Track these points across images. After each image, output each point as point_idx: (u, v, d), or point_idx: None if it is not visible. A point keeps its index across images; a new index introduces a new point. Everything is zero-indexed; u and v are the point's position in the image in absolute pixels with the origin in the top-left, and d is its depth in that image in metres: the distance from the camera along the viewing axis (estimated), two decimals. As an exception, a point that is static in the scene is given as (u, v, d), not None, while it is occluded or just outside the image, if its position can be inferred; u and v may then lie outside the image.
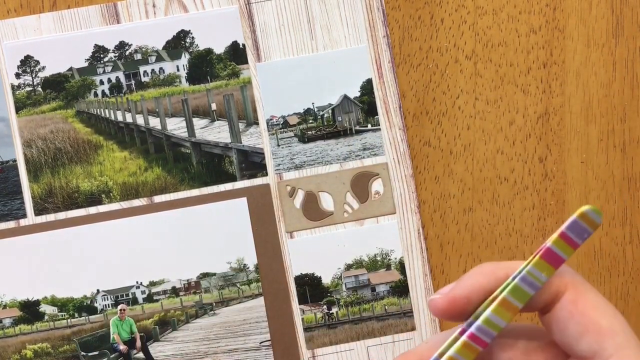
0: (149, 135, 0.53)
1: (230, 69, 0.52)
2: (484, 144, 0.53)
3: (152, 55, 0.52)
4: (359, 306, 0.52)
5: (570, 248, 0.34)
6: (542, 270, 0.33)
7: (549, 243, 0.33)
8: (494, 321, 0.34)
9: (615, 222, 0.53)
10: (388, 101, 0.52)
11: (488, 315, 0.34)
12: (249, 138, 0.52)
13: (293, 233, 0.52)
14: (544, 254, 0.33)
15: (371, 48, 0.52)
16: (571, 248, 0.34)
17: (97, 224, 0.51)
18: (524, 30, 0.53)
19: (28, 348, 0.51)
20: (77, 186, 0.52)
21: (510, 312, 0.34)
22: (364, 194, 0.52)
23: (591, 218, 0.33)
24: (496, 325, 0.34)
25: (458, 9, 0.53)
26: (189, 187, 0.52)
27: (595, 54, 0.53)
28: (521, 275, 0.33)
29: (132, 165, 0.52)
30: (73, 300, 0.51)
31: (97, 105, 0.53)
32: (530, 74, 0.53)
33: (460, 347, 0.34)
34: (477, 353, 0.34)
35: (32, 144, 0.52)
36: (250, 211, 0.51)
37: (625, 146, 0.53)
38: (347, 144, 0.52)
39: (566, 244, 0.34)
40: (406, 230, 0.52)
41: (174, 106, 0.53)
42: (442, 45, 0.53)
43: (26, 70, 0.52)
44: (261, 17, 0.52)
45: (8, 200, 0.51)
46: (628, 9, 0.53)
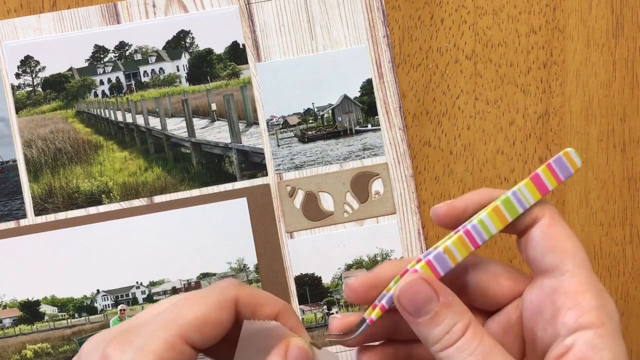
0: (149, 136, 0.53)
1: (230, 69, 0.52)
2: (484, 144, 0.53)
3: (152, 56, 0.52)
4: (359, 306, 0.52)
5: (554, 180, 0.39)
6: (530, 192, 0.39)
7: (538, 170, 0.39)
8: (487, 224, 0.39)
9: (615, 222, 0.53)
10: (388, 101, 0.52)
11: (482, 217, 0.39)
12: (249, 138, 0.52)
13: (293, 233, 0.52)
14: (533, 178, 0.39)
15: (371, 48, 0.52)
16: (555, 180, 0.39)
17: (97, 224, 0.51)
18: (524, 30, 0.53)
19: (28, 348, 0.51)
20: (77, 186, 0.52)
21: (500, 221, 0.39)
22: (364, 194, 0.52)
23: (573, 159, 0.39)
24: (488, 228, 0.39)
25: (458, 9, 0.53)
26: (189, 187, 0.52)
27: (595, 54, 0.53)
28: (512, 191, 0.39)
29: (132, 166, 0.52)
30: (73, 300, 0.51)
31: (97, 105, 0.53)
32: (530, 74, 0.53)
33: (456, 240, 0.38)
34: (469, 252, 0.38)
35: (32, 144, 0.52)
36: (250, 211, 0.51)
37: (625, 146, 0.53)
38: (347, 144, 0.52)
39: (551, 176, 0.39)
40: (406, 230, 0.52)
41: (174, 106, 0.53)
42: (442, 45, 0.53)
43: (26, 70, 0.52)
44: (261, 17, 0.52)
45: (8, 200, 0.51)
46: (628, 9, 0.53)
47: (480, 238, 0.39)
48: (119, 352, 0.34)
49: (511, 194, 0.39)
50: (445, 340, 0.36)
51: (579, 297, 0.36)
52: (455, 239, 0.38)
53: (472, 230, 0.38)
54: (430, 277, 0.38)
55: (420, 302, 0.37)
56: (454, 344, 0.36)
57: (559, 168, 0.39)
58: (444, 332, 0.36)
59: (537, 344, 0.38)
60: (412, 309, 0.37)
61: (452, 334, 0.36)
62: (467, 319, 0.36)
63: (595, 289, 0.37)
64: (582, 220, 0.53)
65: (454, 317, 0.36)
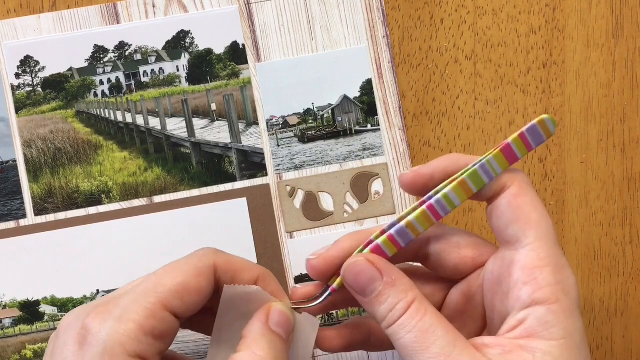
0: (149, 136, 0.53)
1: (230, 69, 0.52)
2: (484, 144, 0.53)
3: (152, 56, 0.52)
4: (359, 306, 0.52)
5: (525, 149, 0.39)
6: (499, 163, 0.39)
7: (509, 140, 0.39)
8: (451, 198, 0.39)
9: (615, 222, 0.53)
10: (388, 101, 0.52)
11: (447, 191, 0.39)
12: (249, 138, 0.52)
13: (293, 233, 0.52)
14: (503, 149, 0.39)
15: (371, 48, 0.52)
16: (526, 149, 0.39)
17: (97, 224, 0.51)
18: (524, 30, 0.53)
19: (28, 348, 0.51)
20: (77, 186, 0.52)
21: (466, 194, 0.39)
22: (364, 194, 0.52)
23: (547, 126, 0.39)
24: (452, 202, 0.39)
25: (458, 9, 0.53)
26: (189, 187, 0.52)
27: (595, 54, 0.53)
28: (481, 163, 0.39)
29: (132, 166, 0.52)
30: (73, 300, 0.51)
31: (97, 105, 0.53)
32: (530, 74, 0.53)
33: (418, 214, 0.39)
34: (431, 224, 0.39)
35: (32, 144, 0.52)
36: (250, 211, 0.51)
37: (625, 146, 0.53)
38: (347, 144, 0.52)
39: (523, 145, 0.39)
40: (406, 231, 0.52)
41: (174, 106, 0.53)
42: (442, 45, 0.53)
43: (26, 70, 0.52)
44: (261, 17, 0.52)
45: (8, 200, 0.51)
46: (628, 9, 0.53)
47: (443, 211, 0.39)
48: (99, 322, 0.34)
49: (479, 167, 0.39)
50: (389, 318, 0.37)
51: (536, 272, 0.36)
52: (418, 214, 0.39)
53: (436, 204, 0.39)
54: (375, 257, 0.39)
55: (364, 282, 0.37)
56: (396, 322, 0.36)
57: (532, 136, 0.39)
58: (387, 310, 0.37)
59: (495, 315, 0.38)
60: (358, 288, 0.38)
61: (395, 312, 0.37)
62: (411, 297, 0.37)
63: (555, 264, 0.36)
64: (582, 220, 0.53)
65: (397, 296, 0.37)
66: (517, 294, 0.36)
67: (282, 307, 0.39)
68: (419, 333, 0.36)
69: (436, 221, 0.39)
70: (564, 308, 0.36)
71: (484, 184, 0.39)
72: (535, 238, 0.37)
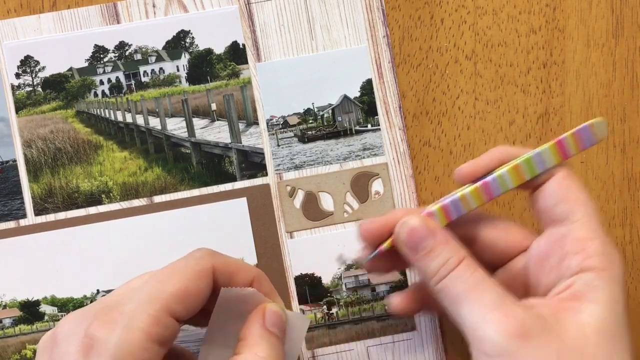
0: (149, 135, 0.53)
1: (230, 69, 0.52)
2: (484, 144, 0.53)
3: (152, 55, 0.52)
4: (359, 306, 0.52)
5: (576, 147, 0.41)
6: (553, 155, 0.41)
7: (563, 136, 0.41)
8: (505, 179, 0.42)
9: (615, 222, 0.53)
10: (388, 101, 0.52)
11: (502, 172, 0.42)
12: (249, 138, 0.52)
13: (293, 233, 0.52)
14: (558, 142, 0.41)
15: (371, 48, 0.52)
16: (577, 148, 0.41)
17: (97, 224, 0.51)
18: (524, 30, 0.53)
19: (28, 348, 0.51)
20: (77, 186, 0.52)
21: (518, 178, 0.41)
22: (364, 194, 0.52)
23: (599, 129, 0.41)
24: (505, 183, 0.42)
25: (458, 9, 0.53)
26: (189, 187, 0.52)
27: (595, 54, 0.53)
28: (536, 152, 0.41)
29: (132, 165, 0.52)
30: (73, 300, 0.51)
31: (97, 105, 0.53)
32: (530, 74, 0.53)
33: (472, 190, 0.42)
34: (482, 203, 0.42)
35: (32, 144, 0.52)
36: (250, 211, 0.51)
37: (625, 146, 0.53)
38: (347, 144, 0.52)
39: (575, 143, 0.41)
40: (406, 230, 0.52)
41: (174, 106, 0.53)
42: (442, 45, 0.53)
43: (26, 70, 0.52)
44: (261, 17, 0.52)
45: (8, 200, 0.51)
46: (628, 9, 0.53)
47: (496, 191, 0.41)
48: (105, 331, 0.34)
49: (534, 154, 0.41)
50: (440, 272, 0.39)
51: (587, 243, 0.38)
52: (472, 189, 0.42)
53: (492, 182, 0.41)
54: (429, 218, 0.41)
55: (417, 239, 0.40)
56: (448, 275, 0.38)
57: (584, 137, 0.41)
58: (439, 265, 0.39)
59: (539, 289, 0.40)
60: (410, 245, 0.40)
61: (447, 266, 0.38)
62: (463, 254, 0.39)
63: (602, 237, 0.39)
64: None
65: (449, 252, 0.39)
66: (567, 264, 0.38)
67: (276, 308, 0.40)
68: (471, 284, 0.37)
69: (487, 200, 0.41)
70: (610, 275, 0.38)
71: (535, 172, 0.41)
72: (584, 214, 0.39)
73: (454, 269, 0.38)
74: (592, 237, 0.38)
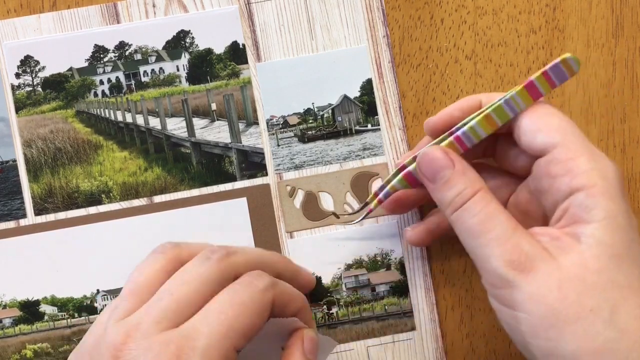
0: (149, 135, 0.53)
1: (230, 69, 0.52)
2: (484, 144, 0.53)
3: (152, 55, 0.52)
4: (359, 306, 0.52)
5: (548, 86, 0.41)
6: (523, 99, 0.41)
7: (532, 77, 0.41)
8: (477, 130, 0.42)
9: (615, 222, 0.53)
10: (388, 101, 0.52)
11: (473, 124, 0.42)
12: (249, 138, 0.52)
13: (293, 233, 0.52)
14: (527, 85, 0.41)
15: (371, 48, 0.52)
16: (549, 86, 0.41)
17: (97, 224, 0.51)
18: (524, 30, 0.53)
19: (28, 348, 0.51)
20: (77, 186, 0.52)
21: (491, 126, 0.42)
22: (364, 194, 0.52)
23: (570, 65, 0.41)
24: (477, 134, 0.42)
25: (458, 9, 0.53)
26: (189, 187, 0.52)
27: (595, 54, 0.53)
28: (505, 99, 0.41)
29: (132, 165, 0.52)
30: (73, 300, 0.51)
31: (97, 105, 0.53)
32: (530, 74, 0.53)
33: (447, 144, 0.43)
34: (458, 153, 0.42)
35: (32, 144, 0.52)
36: (250, 211, 0.51)
37: (625, 146, 0.53)
38: (347, 144, 0.52)
39: (546, 82, 0.41)
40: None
41: (174, 106, 0.53)
42: (442, 45, 0.53)
43: (26, 70, 0.52)
44: (261, 17, 0.52)
45: (8, 200, 0.51)
46: (628, 9, 0.53)
47: (469, 142, 0.42)
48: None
49: (504, 102, 0.41)
50: (455, 202, 0.40)
51: (570, 163, 0.38)
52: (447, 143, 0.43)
53: (462, 136, 0.42)
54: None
55: (437, 168, 0.41)
56: (462, 206, 0.39)
57: (555, 75, 0.41)
58: (455, 195, 0.40)
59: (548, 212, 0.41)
60: (429, 174, 0.41)
61: (462, 197, 0.39)
62: (478, 186, 0.40)
63: (588, 153, 0.38)
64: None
65: (465, 183, 0.40)
66: (557, 187, 0.39)
67: (313, 334, 0.42)
68: (483, 217, 0.38)
69: (462, 151, 0.42)
70: (602, 191, 0.37)
71: (508, 118, 0.41)
72: (563, 137, 0.39)
73: (468, 200, 0.39)
74: (574, 157, 0.38)
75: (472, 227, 0.39)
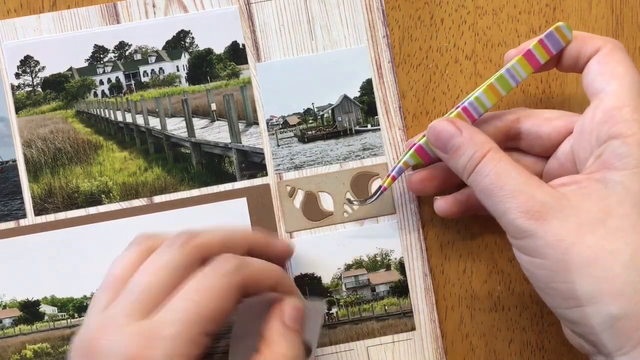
0: (149, 136, 0.53)
1: (230, 69, 0.52)
2: (484, 144, 0.53)
3: (152, 55, 0.52)
4: (359, 306, 0.52)
5: (545, 54, 0.43)
6: (523, 67, 0.43)
7: (529, 46, 0.43)
8: (482, 100, 0.44)
9: (615, 222, 0.53)
10: (388, 101, 0.52)
11: (478, 94, 0.44)
12: (249, 138, 0.52)
13: (293, 233, 0.52)
14: (526, 54, 0.43)
15: (371, 48, 0.52)
16: (546, 54, 0.43)
17: (97, 224, 0.51)
18: (524, 30, 0.53)
19: (28, 348, 0.51)
20: (77, 186, 0.52)
21: (495, 96, 0.44)
22: (364, 194, 0.52)
23: (564, 32, 0.43)
24: (483, 104, 0.44)
25: (458, 9, 0.53)
26: (189, 187, 0.52)
27: (595, 54, 0.53)
28: (507, 68, 0.43)
29: (132, 165, 0.52)
30: (73, 300, 0.51)
31: (97, 105, 0.53)
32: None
33: (455, 115, 0.44)
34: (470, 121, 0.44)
35: (32, 144, 0.52)
36: (250, 211, 0.51)
37: (625, 146, 0.53)
38: (347, 144, 0.52)
39: (543, 50, 0.43)
40: (406, 230, 0.52)
41: (174, 106, 0.53)
42: (442, 45, 0.53)
43: (26, 70, 0.52)
44: (261, 17, 0.52)
45: (8, 200, 0.51)
46: (628, 9, 0.53)
47: (476, 113, 0.44)
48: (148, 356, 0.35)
49: (505, 71, 0.43)
50: (468, 167, 0.41)
51: (614, 111, 0.39)
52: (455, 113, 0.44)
53: (469, 106, 0.44)
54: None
55: (445, 138, 0.42)
56: (474, 169, 0.40)
57: (551, 42, 0.43)
58: (466, 161, 0.41)
59: (581, 166, 0.41)
60: (440, 145, 0.42)
61: (473, 161, 0.40)
62: (487, 147, 0.41)
63: (635, 105, 0.39)
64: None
65: (474, 147, 0.41)
66: (596, 134, 0.39)
67: (294, 302, 0.42)
68: (494, 176, 0.39)
69: (470, 122, 0.43)
70: (638, 140, 0.37)
71: (511, 87, 0.43)
72: (618, 85, 0.39)
73: (479, 164, 0.40)
74: (620, 105, 0.38)
75: (486, 187, 0.40)
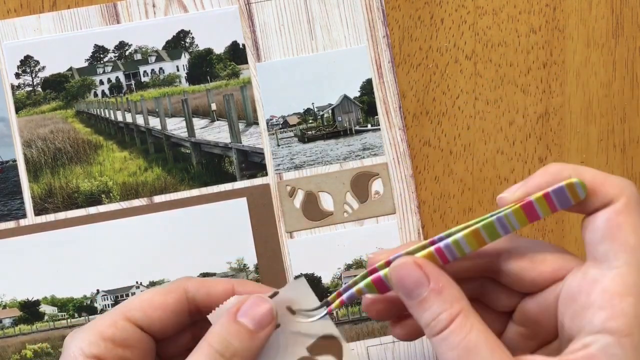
0: (149, 135, 0.53)
1: (230, 69, 0.52)
2: (484, 144, 0.53)
3: (152, 55, 0.52)
4: (359, 306, 0.52)
5: (549, 209, 0.36)
6: (518, 219, 0.36)
7: (532, 198, 0.35)
8: (462, 245, 0.36)
9: (615, 222, 0.53)
10: (388, 101, 0.52)
11: (458, 238, 0.36)
12: (249, 138, 0.52)
13: (293, 233, 0.52)
14: (525, 206, 0.35)
15: (371, 48, 0.52)
16: (550, 210, 0.36)
17: (97, 224, 0.51)
18: (524, 30, 0.53)
19: (28, 348, 0.51)
20: (77, 186, 0.52)
21: (478, 243, 0.36)
22: (364, 194, 0.52)
23: (576, 190, 0.35)
24: (462, 249, 0.36)
25: (458, 9, 0.53)
26: (189, 187, 0.52)
27: (595, 54, 0.53)
28: (498, 216, 0.36)
29: (132, 165, 0.52)
30: (73, 300, 0.51)
31: (97, 105, 0.53)
32: (530, 74, 0.53)
33: (425, 254, 0.36)
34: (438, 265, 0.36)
35: (32, 144, 0.52)
36: (250, 211, 0.51)
37: (625, 146, 0.53)
38: (347, 144, 0.52)
39: (547, 205, 0.35)
40: (406, 230, 0.52)
41: (174, 106, 0.53)
42: (442, 45, 0.53)
43: (26, 70, 0.52)
44: (261, 17, 0.52)
45: (8, 200, 0.51)
46: (628, 9, 0.53)
47: (451, 256, 0.36)
48: (70, 337, 0.39)
49: (496, 219, 0.36)
50: (431, 327, 0.34)
51: (616, 299, 0.33)
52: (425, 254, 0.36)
53: (445, 249, 0.36)
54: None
55: (410, 286, 0.35)
56: (439, 334, 0.34)
57: (558, 199, 0.35)
58: (430, 319, 0.34)
59: (564, 332, 0.36)
60: (403, 290, 0.36)
61: (438, 322, 0.34)
62: (457, 309, 0.34)
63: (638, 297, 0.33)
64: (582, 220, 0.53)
65: (441, 305, 0.34)
66: (589, 317, 0.33)
67: (255, 299, 0.38)
68: (462, 352, 0.33)
69: (442, 264, 0.36)
70: (635, 344, 0.33)
71: (499, 236, 0.36)
72: (626, 263, 0.33)
73: (445, 329, 0.34)
74: (624, 294, 0.33)
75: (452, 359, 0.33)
